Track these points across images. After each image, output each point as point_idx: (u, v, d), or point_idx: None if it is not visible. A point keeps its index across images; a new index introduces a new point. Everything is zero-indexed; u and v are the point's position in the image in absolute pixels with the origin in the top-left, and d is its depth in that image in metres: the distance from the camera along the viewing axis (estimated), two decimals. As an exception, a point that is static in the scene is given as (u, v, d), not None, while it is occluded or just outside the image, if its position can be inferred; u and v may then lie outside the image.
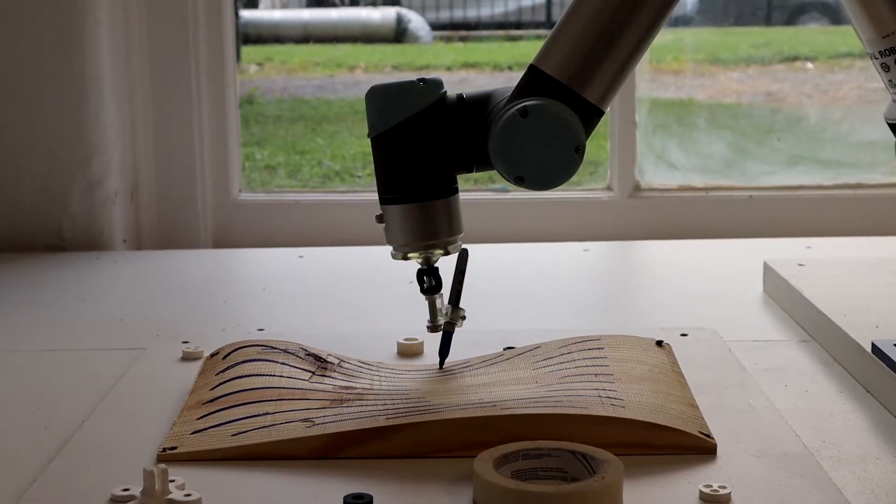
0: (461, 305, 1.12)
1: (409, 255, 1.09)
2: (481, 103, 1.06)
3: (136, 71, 1.85)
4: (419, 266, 1.10)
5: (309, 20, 3.14)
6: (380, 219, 1.09)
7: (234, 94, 1.93)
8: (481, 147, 1.05)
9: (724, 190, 1.97)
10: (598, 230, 1.90)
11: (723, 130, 2.16)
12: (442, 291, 1.11)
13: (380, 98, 1.07)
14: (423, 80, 1.06)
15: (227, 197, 1.93)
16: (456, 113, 1.06)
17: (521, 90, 1.04)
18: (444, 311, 1.11)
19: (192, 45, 1.87)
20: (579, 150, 1.02)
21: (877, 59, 1.06)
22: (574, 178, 1.04)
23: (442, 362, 1.13)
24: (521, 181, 1.03)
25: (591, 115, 1.04)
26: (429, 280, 1.10)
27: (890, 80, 1.06)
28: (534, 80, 1.04)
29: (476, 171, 1.07)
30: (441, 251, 1.09)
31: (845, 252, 1.66)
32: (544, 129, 1.02)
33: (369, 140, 1.08)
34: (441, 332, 1.12)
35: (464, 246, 1.11)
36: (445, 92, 1.06)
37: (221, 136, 1.91)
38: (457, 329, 1.12)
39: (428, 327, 1.12)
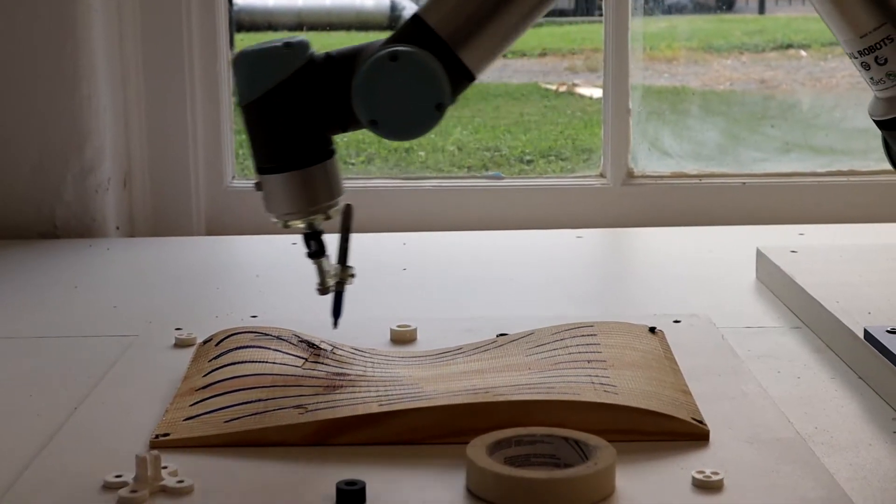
0: (349, 263, 1.11)
1: (291, 222, 1.07)
2: (351, 58, 1.03)
3: (130, 58, 1.84)
4: (303, 230, 1.08)
5: (303, 8, 3.14)
6: (258, 187, 1.06)
7: (227, 81, 1.92)
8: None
9: (717, 177, 1.97)
10: (592, 217, 1.90)
11: (716, 118, 2.16)
12: (328, 253, 1.09)
13: (246, 66, 1.03)
14: (288, 43, 1.03)
15: (221, 184, 1.93)
16: (325, 72, 1.03)
17: (399, 36, 1.02)
18: (332, 273, 1.10)
19: (186, 32, 1.86)
20: (440, 108, 1.00)
21: (856, 58, 1.06)
22: (567, 166, 1.04)
23: (336, 323, 1.12)
24: (374, 125, 1.01)
25: (461, 78, 1.02)
26: (314, 244, 1.08)
27: (871, 78, 1.06)
28: (414, 29, 1.02)
29: (351, 131, 1.04)
30: (322, 216, 1.07)
31: (838, 239, 1.66)
32: (411, 77, 0.99)
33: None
34: (332, 294, 1.10)
35: (347, 202, 1.09)
36: (313, 53, 1.03)
37: (215, 123, 1.91)
38: (449, 316, 1.12)
39: (318, 290, 1.10)
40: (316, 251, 1.09)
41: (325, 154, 1.05)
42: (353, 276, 1.11)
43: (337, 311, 1.12)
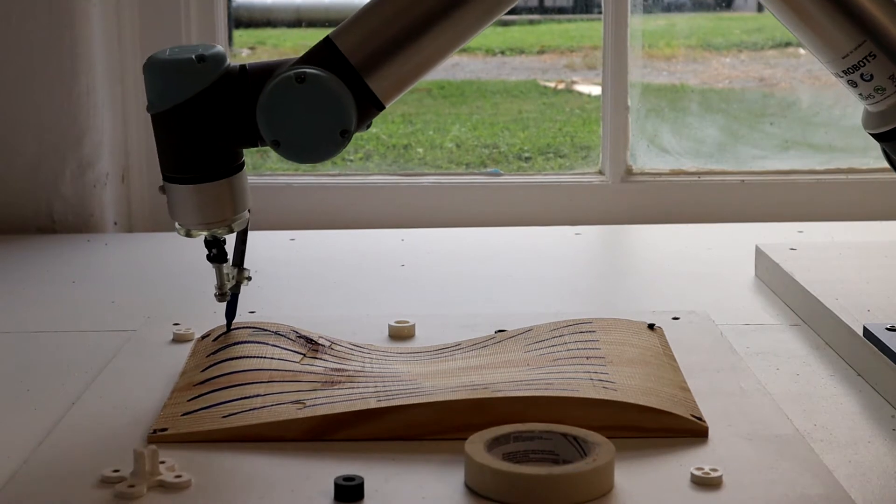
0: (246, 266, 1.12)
1: (193, 233, 1.06)
2: (266, 73, 1.01)
3: (128, 52, 1.84)
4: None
5: (301, 4, 3.14)
6: (162, 190, 1.05)
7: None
8: None
9: (716, 174, 1.97)
10: (590, 214, 1.90)
11: (715, 115, 2.15)
12: (228, 258, 1.09)
13: (158, 75, 1.01)
14: (202, 57, 1.00)
15: (219, 180, 1.92)
16: (238, 87, 1.01)
17: (309, 57, 1.01)
18: (231, 276, 1.10)
19: (184, 28, 1.86)
20: (345, 135, 0.99)
21: (841, 77, 1.05)
22: (566, 163, 1.03)
23: (229, 326, 1.13)
24: (276, 145, 1.00)
25: (369, 106, 1.01)
26: (215, 250, 1.08)
27: (860, 94, 1.05)
28: (325, 52, 1.01)
29: (261, 146, 1.03)
30: (226, 228, 1.06)
31: (837, 236, 1.66)
32: (316, 101, 0.99)
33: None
34: (229, 297, 1.11)
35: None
36: (228, 65, 1.01)
37: (213, 119, 1.91)
38: (447, 313, 1.12)
39: (216, 296, 1.10)
40: (216, 256, 1.08)
41: (233, 168, 1.04)
42: (249, 278, 1.11)
43: (231, 314, 1.12)
